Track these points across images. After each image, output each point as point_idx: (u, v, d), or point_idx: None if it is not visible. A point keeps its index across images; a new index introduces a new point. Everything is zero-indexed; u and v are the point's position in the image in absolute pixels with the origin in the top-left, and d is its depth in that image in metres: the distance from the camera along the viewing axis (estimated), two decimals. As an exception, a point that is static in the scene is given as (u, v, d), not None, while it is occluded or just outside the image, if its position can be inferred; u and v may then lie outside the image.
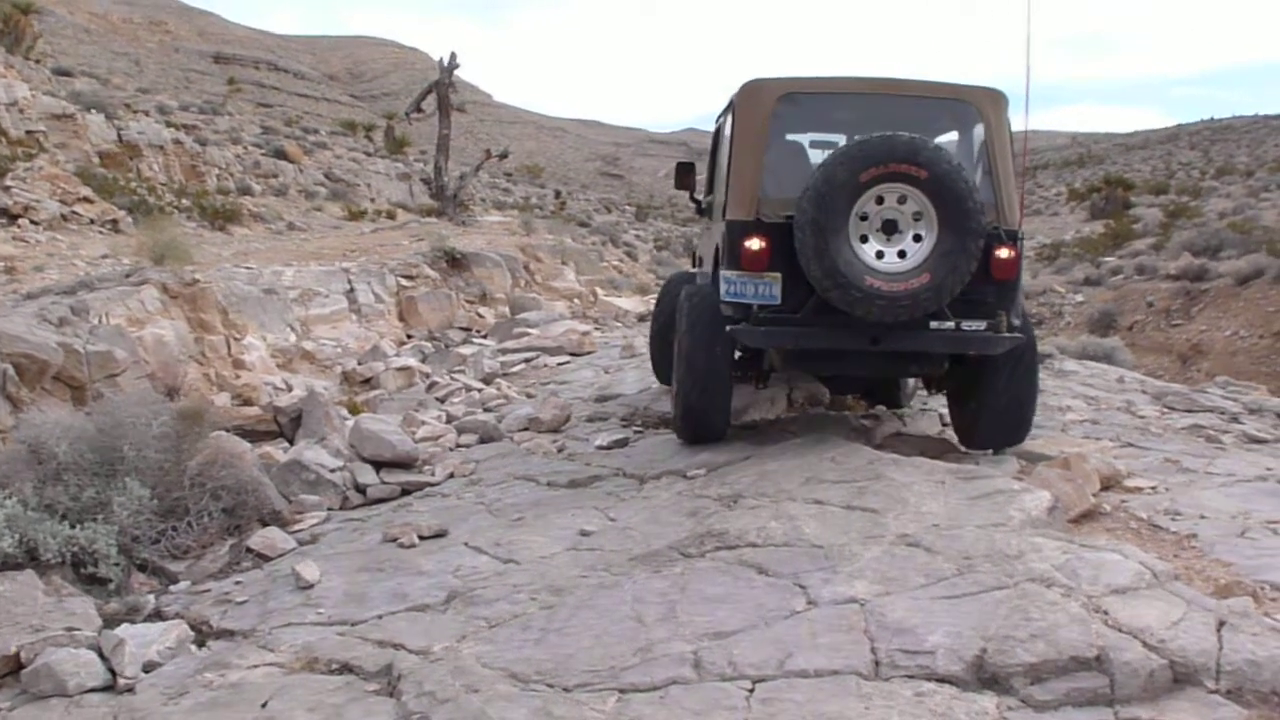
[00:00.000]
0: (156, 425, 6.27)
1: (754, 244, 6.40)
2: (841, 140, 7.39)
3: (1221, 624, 3.84)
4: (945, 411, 8.17)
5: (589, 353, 12.84)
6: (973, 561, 4.43)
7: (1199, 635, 3.74)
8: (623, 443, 7.75)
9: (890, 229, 6.19)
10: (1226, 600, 4.29)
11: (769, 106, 6.62)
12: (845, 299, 6.11)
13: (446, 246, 17.30)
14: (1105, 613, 3.89)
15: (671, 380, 7.75)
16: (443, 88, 26.98)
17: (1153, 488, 6.40)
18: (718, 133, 8.14)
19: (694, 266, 9.83)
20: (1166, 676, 3.58)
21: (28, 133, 19.53)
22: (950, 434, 7.64)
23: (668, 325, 8.57)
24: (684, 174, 8.90)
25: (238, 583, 5.60)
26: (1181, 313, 24.21)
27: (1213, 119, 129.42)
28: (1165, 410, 9.14)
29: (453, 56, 27.19)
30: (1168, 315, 24.45)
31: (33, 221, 15.78)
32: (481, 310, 16.51)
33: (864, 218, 6.17)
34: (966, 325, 6.39)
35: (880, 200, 6.15)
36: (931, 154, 6.04)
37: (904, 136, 6.06)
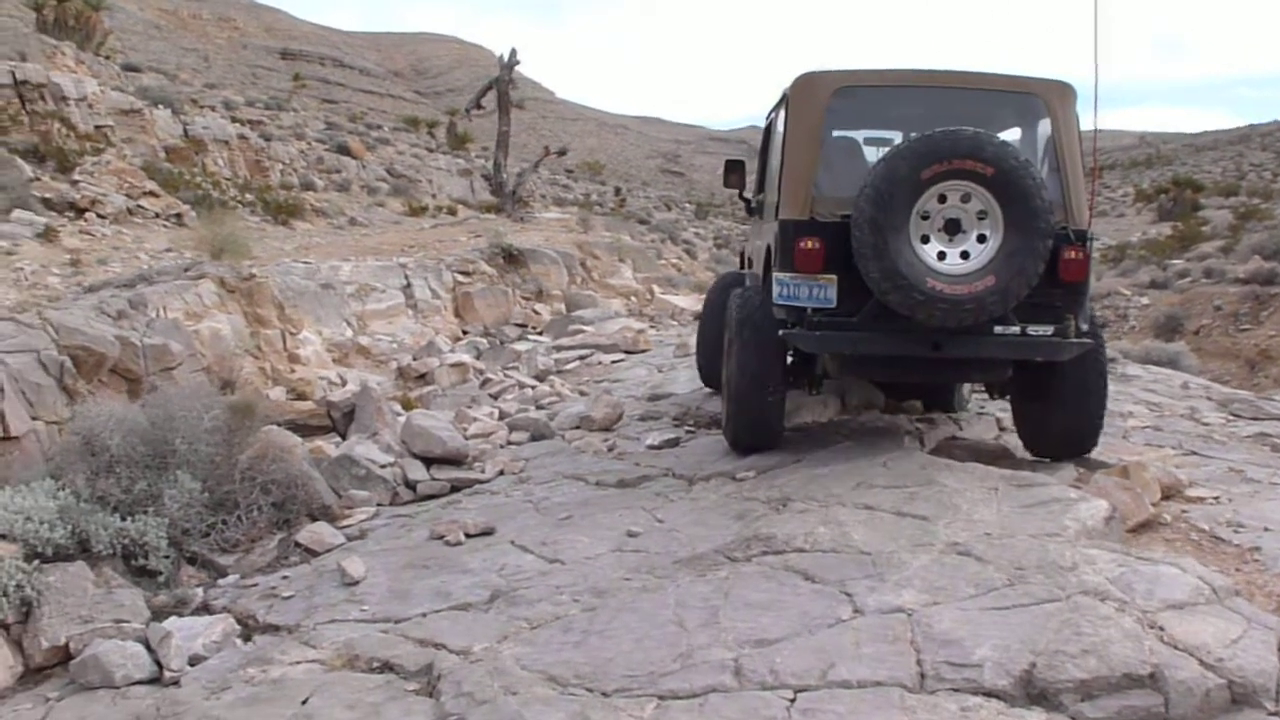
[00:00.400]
0: (208, 419, 6.33)
1: (808, 244, 6.11)
2: (897, 137, 7.21)
3: (1283, 643, 3.71)
4: (1003, 416, 8.04)
5: (644, 351, 12.80)
6: (1024, 572, 4.33)
7: (1258, 654, 3.62)
8: (673, 442, 7.70)
9: (953, 229, 5.90)
10: (1289, 618, 4.16)
11: (824, 100, 6.36)
12: (905, 302, 5.80)
13: (504, 243, 17.36)
14: (1160, 629, 3.78)
15: (720, 385, 7.63)
16: (503, 84, 27.07)
17: (1215, 498, 6.21)
18: (769, 129, 7.89)
19: (743, 267, 9.53)
20: (1224, 696, 3.47)
21: (96, 127, 19.82)
22: (1008, 439, 7.50)
23: (716, 327, 8.41)
24: (733, 172, 8.59)
25: (285, 577, 5.63)
26: (1250, 317, 23.68)
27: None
28: (1230, 418, 8.89)
29: (513, 53, 27.26)
30: (1235, 320, 23.92)
31: (99, 215, 16.02)
32: (537, 307, 16.54)
33: (925, 217, 5.88)
34: (1032, 330, 6.09)
35: (943, 199, 5.86)
36: (998, 149, 5.75)
37: (968, 131, 5.78)
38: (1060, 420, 6.56)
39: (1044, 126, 6.43)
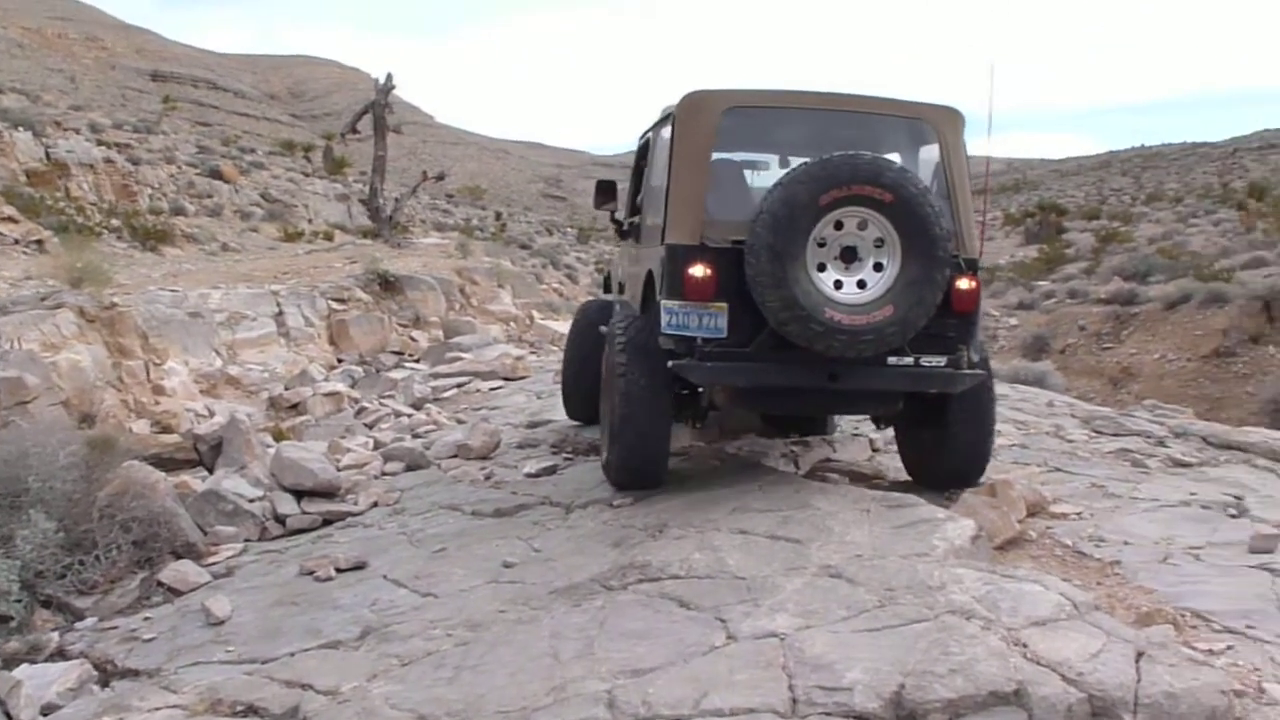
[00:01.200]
0: (65, 455, 6.09)
1: (699, 271, 5.86)
2: (772, 161, 7.19)
3: (1140, 655, 3.81)
4: (875, 438, 8.16)
5: (522, 377, 12.71)
6: (894, 593, 4.38)
7: (1118, 667, 3.70)
8: (551, 470, 7.64)
9: (849, 256, 5.74)
10: (1147, 630, 4.27)
11: (714, 120, 6.12)
12: (804, 333, 5.62)
13: (379, 269, 17.11)
14: (1025, 646, 3.85)
15: (583, 416, 7.48)
16: (379, 108, 26.74)
17: (1078, 513, 6.39)
18: (644, 149, 7.62)
19: (608, 293, 9.22)
20: (1085, 710, 3.53)
21: (-50, 151, 19.10)
22: (882, 460, 7.62)
23: (585, 358, 8.19)
24: (604, 192, 8.17)
25: (146, 619, 5.45)
26: (1112, 336, 24.56)
27: (1144, 146, 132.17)
28: (1093, 434, 9.17)
29: (389, 77, 26.97)
30: (1099, 339, 24.78)
31: (-47, 242, 15.40)
32: (415, 334, 16.34)
33: (822, 244, 5.70)
34: (926, 361, 5.98)
35: (839, 225, 5.69)
36: (897, 176, 5.62)
37: (867, 156, 5.64)
38: (949, 451, 6.49)
39: (931, 152, 6.34)
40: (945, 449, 6.49)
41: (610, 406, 6.56)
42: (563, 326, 18.24)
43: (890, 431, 7.94)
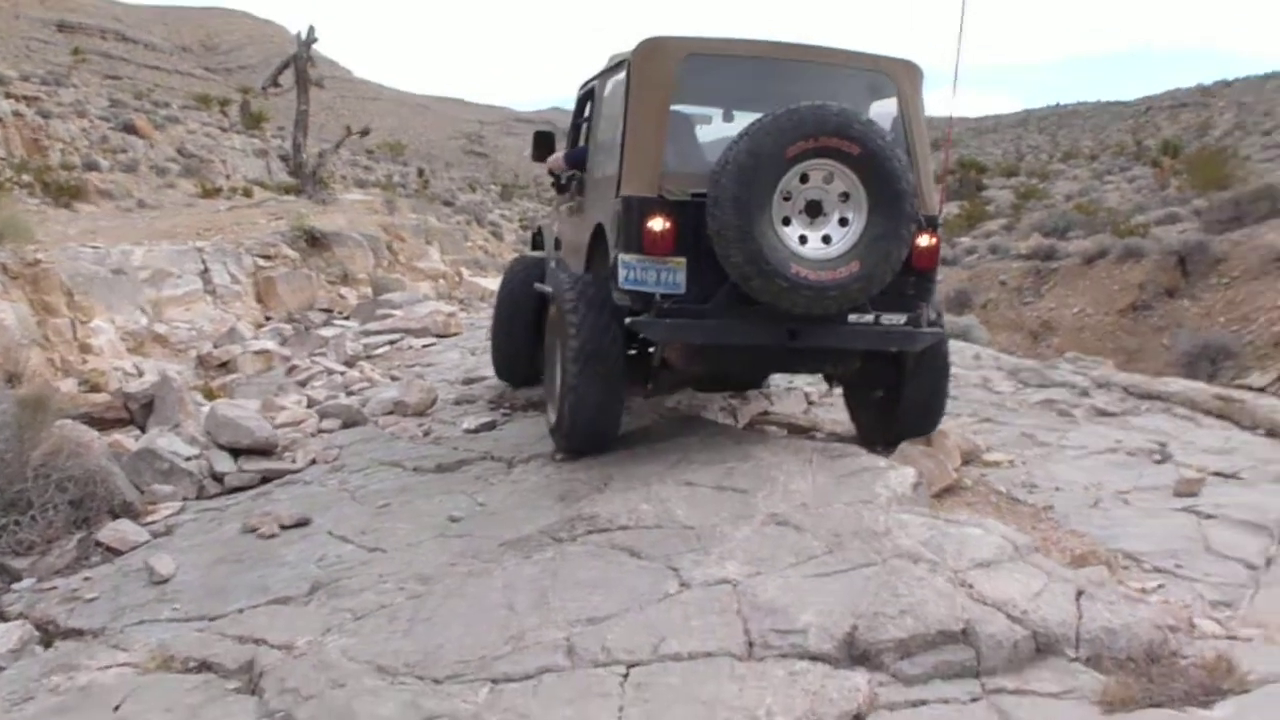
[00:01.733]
0: (-5, 414, 5.95)
1: (658, 224, 5.64)
2: (716, 114, 7.01)
3: (1080, 594, 3.95)
4: (810, 390, 8.28)
5: (455, 334, 12.66)
6: (841, 539, 4.47)
7: (1059, 606, 3.84)
8: (490, 426, 7.64)
9: (814, 211, 5.55)
10: (1083, 570, 4.44)
11: (672, 68, 5.88)
12: (768, 289, 5.44)
13: (306, 225, 16.88)
14: (970, 586, 3.97)
15: (541, 379, 7.10)
16: (301, 62, 26.24)
17: (1010, 461, 6.59)
18: (588, 98, 7.40)
19: (545, 250, 8.91)
20: (1030, 647, 3.67)
21: None
22: (817, 413, 7.73)
23: (519, 317, 8.14)
24: (543, 144, 7.93)
25: (86, 579, 5.36)
26: (1033, 291, 24.97)
27: (1059, 104, 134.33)
28: (1020, 386, 9.39)
29: (310, 30, 26.45)
30: (1020, 294, 25.18)
31: None
32: (343, 291, 16.16)
33: (787, 198, 5.51)
34: (886, 318, 5.83)
35: (805, 178, 5.51)
36: (864, 128, 5.44)
37: (835, 107, 5.44)
38: (904, 409, 6.40)
39: (890, 105, 6.20)
40: (900, 407, 6.39)
41: (558, 368, 6.37)
42: (491, 283, 18.16)
43: (824, 385, 8.08)
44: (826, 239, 5.57)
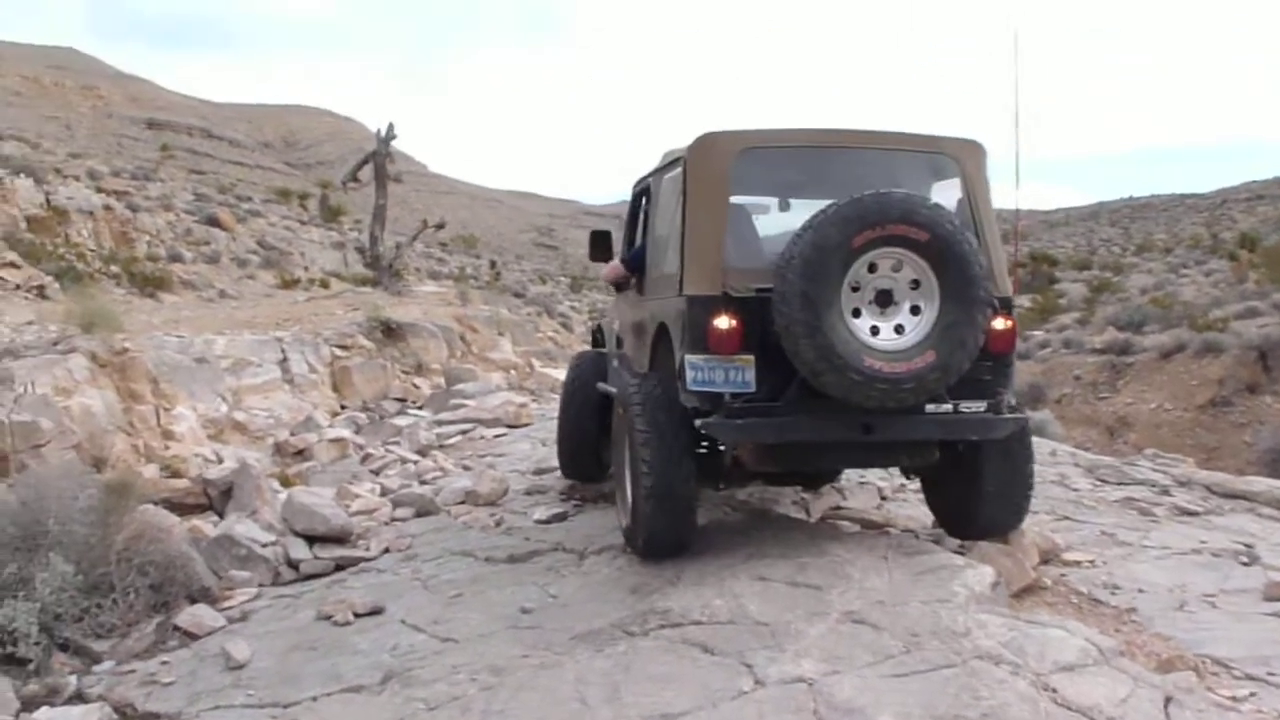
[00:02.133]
0: (83, 498, 6.10)
1: (724, 323, 5.52)
2: (772, 203, 6.91)
3: (1168, 700, 3.86)
4: (883, 485, 8.20)
5: (526, 425, 12.74)
6: (919, 639, 4.40)
7: (1147, 713, 3.75)
8: (561, 516, 7.66)
9: (885, 300, 5.43)
10: (1170, 676, 4.31)
11: (728, 163, 5.83)
12: (841, 383, 5.28)
13: (382, 316, 17.16)
14: (1054, 691, 3.88)
15: (604, 476, 6.92)
16: (380, 158, 26.93)
17: (1090, 561, 6.44)
18: (643, 195, 7.36)
19: (606, 347, 8.74)
20: (1116, 756, 3.57)
21: (-47, 197, 19.18)
22: (891, 509, 7.65)
23: (583, 416, 8.06)
24: (600, 243, 7.97)
25: (164, 663, 5.43)
26: (1108, 386, 24.66)
27: (1132, 197, 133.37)
28: (1098, 483, 9.22)
29: (390, 127, 27.18)
30: (1094, 388, 24.87)
31: (-45, 287, 15.44)
32: (417, 381, 16.36)
33: (856, 288, 5.39)
34: (965, 407, 5.67)
35: (873, 268, 5.39)
36: (931, 213, 5.34)
37: (899, 193, 5.36)
38: (986, 501, 6.14)
39: (953, 187, 6.08)
40: (981, 499, 6.14)
41: (628, 472, 6.23)
42: (562, 373, 18.31)
43: (899, 479, 7.99)
44: (899, 329, 5.43)
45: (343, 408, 14.58)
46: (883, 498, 8.01)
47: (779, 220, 6.69)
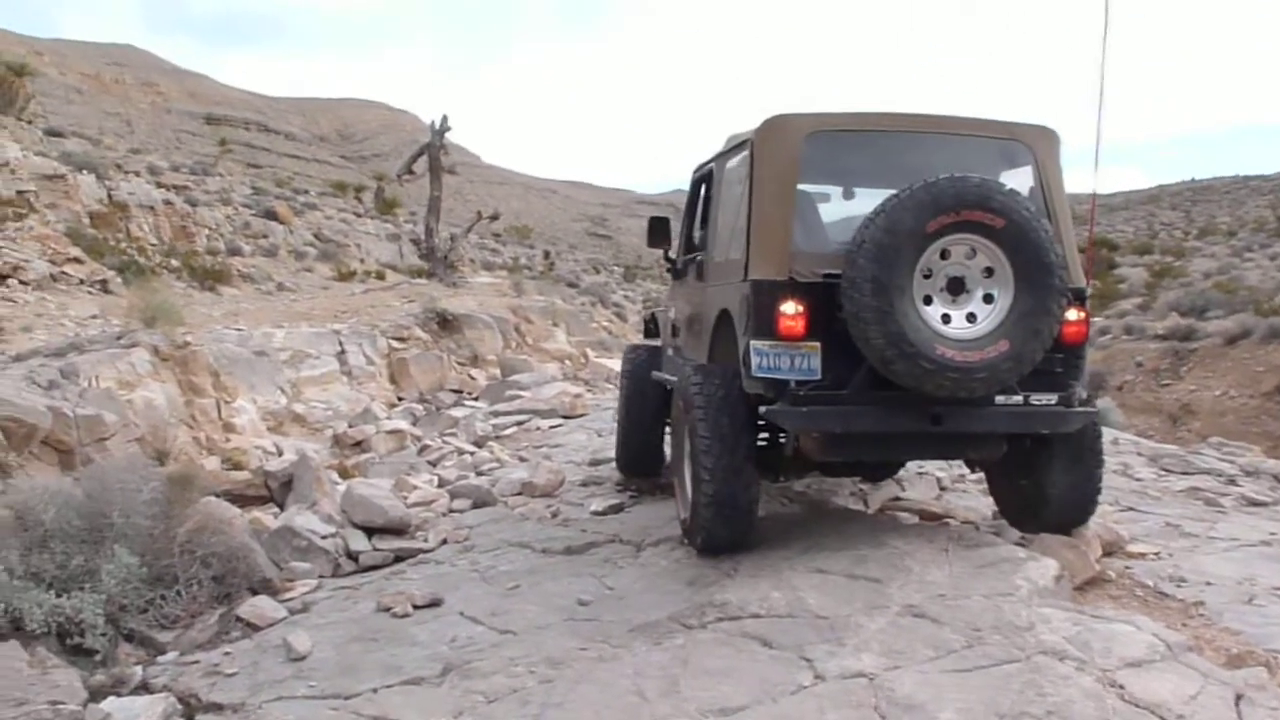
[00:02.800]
0: (146, 491, 6.19)
1: (790, 308, 5.44)
2: (833, 191, 6.77)
3: (1239, 698, 3.78)
4: (942, 475, 8.12)
5: (581, 415, 12.76)
6: (981, 633, 4.35)
7: (1217, 710, 3.67)
8: (618, 508, 7.66)
9: (956, 288, 5.34)
10: (1240, 671, 4.21)
11: (797, 146, 5.74)
12: (912, 372, 5.18)
13: (438, 308, 17.30)
14: (1120, 687, 3.82)
15: (676, 476, 6.65)
16: (434, 150, 27.09)
17: (1155, 553, 6.33)
18: (704, 181, 7.28)
19: (660, 338, 8.68)
20: (1186, 755, 3.50)
21: (18, 193, 19.46)
22: (950, 499, 7.57)
23: (645, 409, 7.97)
24: (658, 230, 7.76)
25: (227, 653, 5.47)
26: (1170, 373, 24.28)
27: (1194, 180, 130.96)
28: (1162, 473, 9.09)
29: (444, 120, 27.34)
30: (1156, 375, 24.50)
31: (21, 282, 15.71)
32: (473, 372, 16.46)
33: (927, 275, 5.32)
34: (1035, 399, 5.56)
35: (945, 254, 5.32)
36: (1008, 199, 5.24)
37: (975, 179, 5.25)
38: (1054, 496, 6.01)
39: (1026, 175, 5.96)
40: (1050, 495, 6.01)
41: (686, 464, 6.20)
42: (616, 364, 18.34)
43: (958, 469, 7.91)
44: (971, 317, 5.35)
45: (399, 399, 14.71)
46: (941, 488, 7.93)
47: (842, 206, 6.60)
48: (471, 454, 10.52)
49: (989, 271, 5.35)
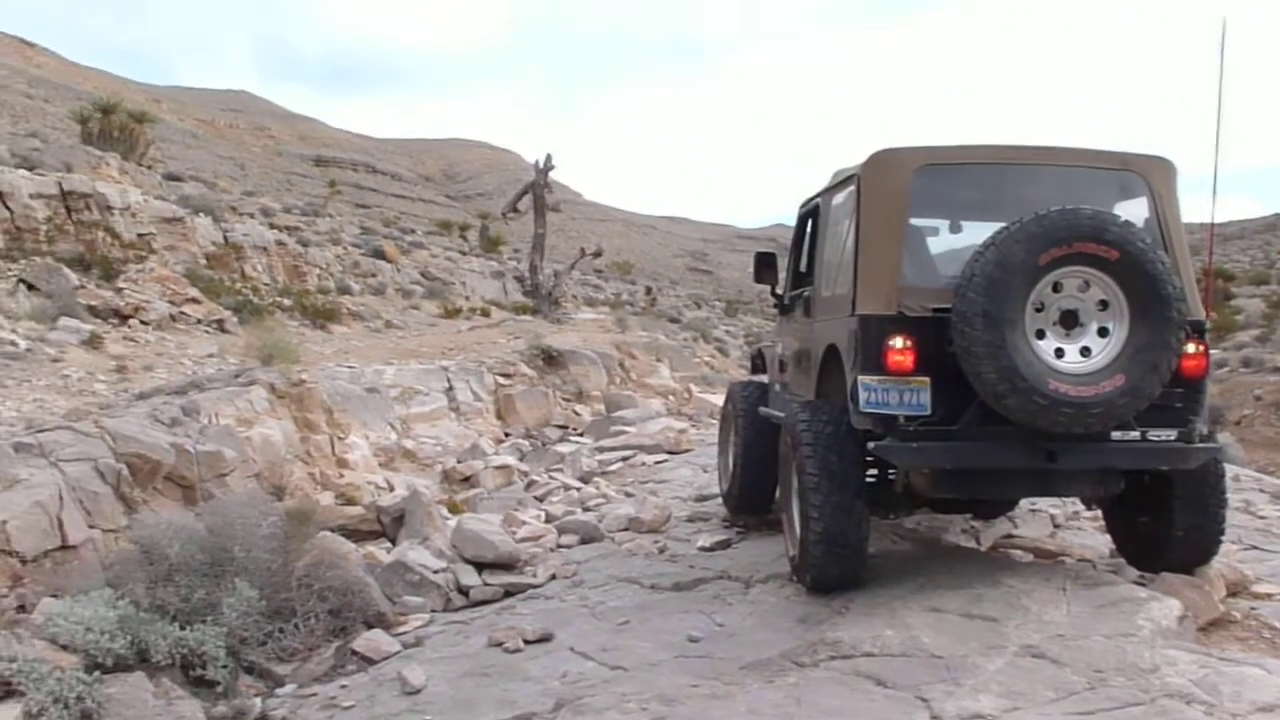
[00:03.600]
0: (266, 526, 6.35)
1: (899, 343, 5.42)
2: (943, 224, 6.69)
3: (1377, 746, 3.62)
4: (1056, 513, 7.94)
5: (686, 450, 12.74)
6: (1104, 675, 4.25)
7: (1355, 758, 3.53)
8: (725, 544, 7.64)
9: (1070, 322, 5.29)
10: (1378, 719, 4.06)
11: (906, 180, 5.73)
12: (1025, 407, 5.13)
13: (543, 344, 17.49)
14: (1252, 733, 3.69)
15: (785, 512, 6.49)
16: (538, 188, 27.52)
17: (1283, 594, 6.11)
18: (811, 216, 7.26)
19: (768, 374, 8.59)
20: (1323, 804, 3.37)
21: (139, 235, 20.22)
22: (1064, 536, 7.40)
23: (756, 446, 7.81)
24: (765, 265, 7.84)
25: (343, 686, 5.59)
26: (1293, 407, 23.47)
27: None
28: (1287, 510, 8.76)
29: (548, 158, 27.76)
30: (1277, 409, 23.69)
31: (143, 322, 16.29)
32: (578, 408, 16.58)
33: (1039, 309, 5.28)
34: (1154, 435, 5.44)
35: (1058, 287, 5.27)
36: (1122, 231, 5.17)
37: (1088, 210, 5.20)
38: (1174, 535, 5.85)
39: (1141, 206, 5.85)
40: (1170, 533, 5.87)
41: (795, 500, 6.14)
42: (719, 399, 18.30)
43: (1072, 505, 7.74)
44: (1085, 351, 5.28)
45: (506, 435, 14.88)
46: (1055, 525, 7.76)
47: (949, 240, 6.55)
48: (578, 489, 10.59)
49: (1103, 304, 5.28)
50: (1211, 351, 5.83)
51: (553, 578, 7.23)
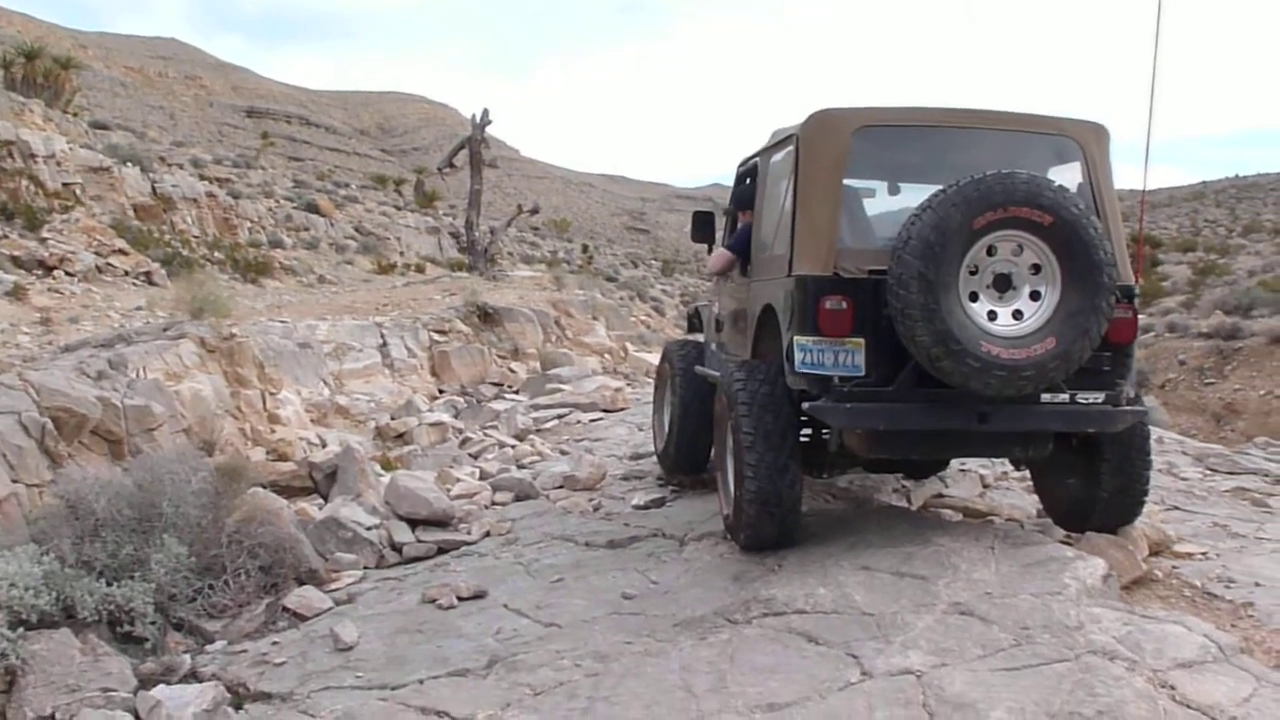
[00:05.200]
0: (195, 481, 6.25)
1: (834, 304, 5.43)
2: (880, 186, 6.69)
3: (1293, 701, 3.72)
4: (985, 473, 8.06)
5: (622, 409, 12.78)
6: (1030, 632, 4.32)
7: (1272, 713, 3.64)
8: (660, 502, 7.67)
9: (1003, 285, 5.31)
10: (1293, 674, 4.17)
11: (844, 141, 5.70)
12: (959, 369, 5.15)
13: (479, 301, 17.35)
14: (1172, 688, 3.78)
15: (720, 471, 6.55)
16: (475, 144, 27.19)
17: (1203, 553, 6.27)
18: (748, 176, 7.21)
19: (704, 333, 8.58)
20: (1240, 757, 3.47)
21: (65, 185, 19.70)
22: (994, 497, 7.52)
23: (692, 407, 7.78)
24: (703, 225, 7.80)
25: (275, 643, 5.54)
26: (1214, 371, 23.97)
27: (1238, 176, 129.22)
28: (1208, 472, 8.99)
29: (485, 113, 27.43)
30: (1200, 374, 24.20)
31: (68, 273, 15.92)
32: (513, 365, 16.50)
33: (973, 272, 5.28)
34: (1082, 397, 5.53)
35: (992, 251, 5.28)
36: (1056, 196, 5.19)
37: (1023, 175, 5.21)
38: (1107, 493, 5.94)
39: (1074, 171, 5.88)
40: (1097, 494, 5.96)
41: (729, 459, 6.17)
42: (656, 358, 18.33)
43: (1001, 466, 7.86)
44: (1017, 314, 5.31)
45: (441, 392, 14.77)
46: (985, 486, 7.88)
47: (887, 202, 6.56)
48: (513, 447, 10.56)
49: (1036, 269, 5.31)
50: (1139, 317, 5.91)
51: (487, 535, 7.22)
